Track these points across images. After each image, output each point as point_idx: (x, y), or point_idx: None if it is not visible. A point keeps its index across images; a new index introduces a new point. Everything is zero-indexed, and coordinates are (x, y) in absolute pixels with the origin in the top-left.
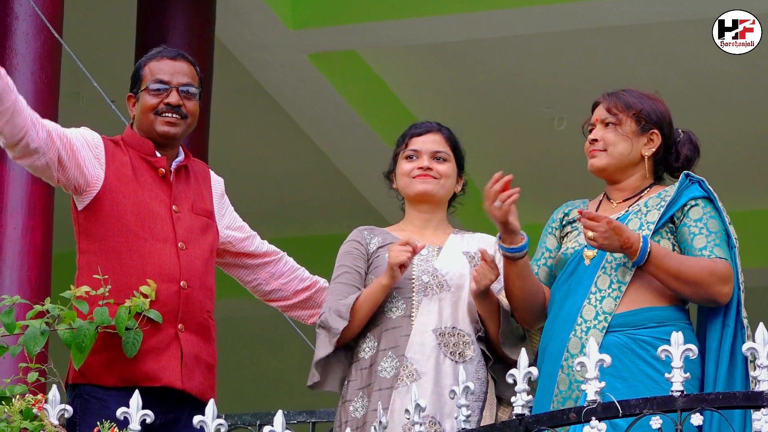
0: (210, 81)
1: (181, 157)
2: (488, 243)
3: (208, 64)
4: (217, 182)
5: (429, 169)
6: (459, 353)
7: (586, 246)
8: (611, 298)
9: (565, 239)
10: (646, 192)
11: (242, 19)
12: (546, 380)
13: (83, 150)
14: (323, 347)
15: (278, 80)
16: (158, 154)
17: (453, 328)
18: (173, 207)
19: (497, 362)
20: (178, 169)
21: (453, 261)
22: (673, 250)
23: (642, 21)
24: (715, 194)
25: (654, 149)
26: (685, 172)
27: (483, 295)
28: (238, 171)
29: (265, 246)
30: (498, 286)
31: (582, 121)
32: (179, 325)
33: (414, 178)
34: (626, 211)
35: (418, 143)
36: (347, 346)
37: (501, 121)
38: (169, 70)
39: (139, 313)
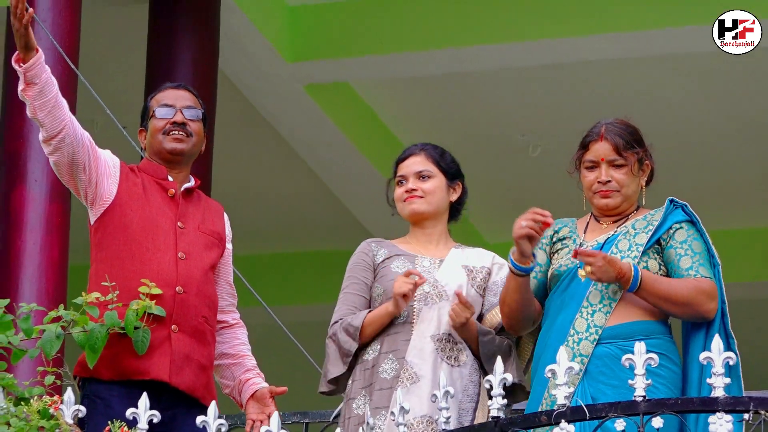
0: (213, 108)
1: (192, 182)
2: (485, 257)
3: (212, 92)
4: (228, 226)
5: (414, 190)
6: (455, 358)
7: (579, 265)
8: (602, 312)
9: (555, 255)
10: (632, 214)
11: (244, 52)
12: (540, 386)
13: (103, 165)
14: (336, 365)
15: (276, 109)
16: (170, 179)
17: (449, 335)
18: (178, 223)
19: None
20: (189, 192)
21: (453, 274)
22: (660, 269)
23: (612, 56)
24: (698, 217)
25: (647, 178)
26: (670, 198)
27: (461, 327)
28: (239, 192)
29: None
30: (493, 301)
31: (554, 147)
32: (173, 326)
33: (404, 201)
34: (615, 232)
35: (403, 168)
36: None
37: (479, 147)
38: (172, 96)
39: (144, 313)
